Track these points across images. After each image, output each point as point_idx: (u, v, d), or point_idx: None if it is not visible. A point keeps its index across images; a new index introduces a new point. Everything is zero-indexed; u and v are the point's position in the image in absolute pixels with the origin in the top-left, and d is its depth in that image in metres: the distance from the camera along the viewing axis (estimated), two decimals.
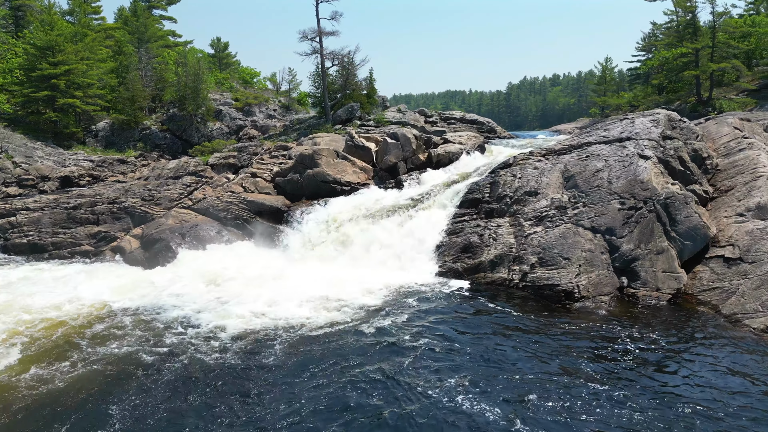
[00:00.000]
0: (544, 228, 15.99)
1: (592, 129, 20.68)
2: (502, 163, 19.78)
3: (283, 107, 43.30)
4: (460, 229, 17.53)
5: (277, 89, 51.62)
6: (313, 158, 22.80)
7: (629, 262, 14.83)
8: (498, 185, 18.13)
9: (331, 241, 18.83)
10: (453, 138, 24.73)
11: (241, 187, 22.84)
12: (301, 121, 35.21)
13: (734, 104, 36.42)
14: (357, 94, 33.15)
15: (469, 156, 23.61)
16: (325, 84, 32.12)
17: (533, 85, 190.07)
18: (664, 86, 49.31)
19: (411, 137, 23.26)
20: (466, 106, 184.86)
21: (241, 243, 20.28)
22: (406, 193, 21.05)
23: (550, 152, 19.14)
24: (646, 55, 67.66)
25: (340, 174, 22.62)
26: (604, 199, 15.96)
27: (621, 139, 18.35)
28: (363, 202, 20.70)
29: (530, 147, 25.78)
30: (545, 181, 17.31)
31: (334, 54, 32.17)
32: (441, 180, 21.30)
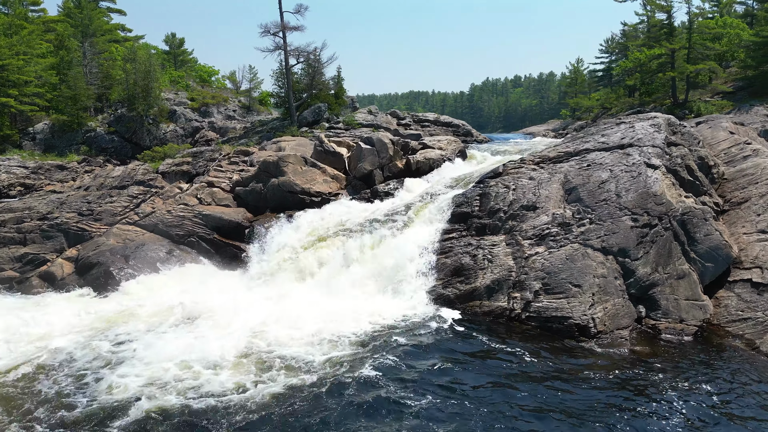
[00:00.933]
0: (547, 248, 14.00)
1: (586, 134, 18.89)
2: (490, 172, 17.74)
3: (244, 108, 40.43)
4: (449, 249, 15.39)
5: (237, 89, 48.59)
6: (278, 165, 20.31)
7: (647, 288, 12.97)
8: (489, 198, 16.07)
9: (299, 263, 16.39)
10: (432, 143, 22.64)
11: (195, 198, 20.14)
12: (264, 122, 32.55)
13: (711, 107, 35.60)
14: (324, 95, 30.74)
15: (450, 163, 21.55)
16: (289, 83, 29.60)
17: (495, 87, 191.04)
18: (635, 88, 48.61)
19: (387, 142, 21.03)
20: (430, 107, 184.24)
21: (196, 265, 17.64)
22: (385, 205, 18.79)
23: (545, 160, 17.21)
24: (610, 57, 67.53)
25: (308, 183, 20.20)
26: (614, 214, 14.07)
27: (622, 146, 16.57)
28: (336, 216, 18.34)
29: (515, 153, 23.97)
30: (544, 193, 15.33)
31: (299, 50, 29.74)
32: (423, 190, 19.14)
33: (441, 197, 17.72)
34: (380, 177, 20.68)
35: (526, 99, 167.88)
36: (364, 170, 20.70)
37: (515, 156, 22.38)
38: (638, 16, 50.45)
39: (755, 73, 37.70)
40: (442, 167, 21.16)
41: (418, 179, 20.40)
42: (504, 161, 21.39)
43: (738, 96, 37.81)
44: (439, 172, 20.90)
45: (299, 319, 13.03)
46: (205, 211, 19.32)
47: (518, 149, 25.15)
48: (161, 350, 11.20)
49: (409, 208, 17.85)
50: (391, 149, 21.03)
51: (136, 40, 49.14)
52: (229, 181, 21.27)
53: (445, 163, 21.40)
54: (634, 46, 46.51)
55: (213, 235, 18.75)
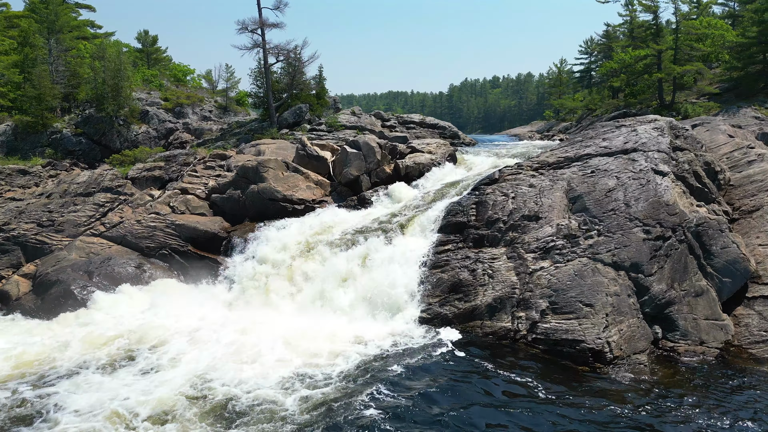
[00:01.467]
0: (553, 263, 12.91)
1: (585, 138, 17.90)
2: (486, 178, 16.61)
3: (220, 108, 38.78)
4: (445, 262, 14.22)
5: (213, 88, 46.84)
6: (258, 171, 18.92)
7: (663, 306, 11.96)
8: (486, 206, 14.95)
9: (282, 279, 15.06)
10: (420, 146, 21.48)
11: (168, 207, 18.65)
12: (242, 124, 31.03)
13: (699, 108, 35.15)
14: (305, 95, 29.38)
15: (440, 168, 20.39)
16: (268, 82, 28.16)
17: (474, 87, 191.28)
18: (620, 89, 48.15)
19: (375, 146, 19.79)
20: (409, 107, 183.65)
21: (168, 281, 16.19)
22: (374, 213, 17.55)
23: (544, 166, 16.16)
24: (589, 58, 67.29)
25: (291, 190, 18.86)
26: (624, 226, 13.04)
27: (626, 151, 15.61)
28: (321, 226, 17.04)
29: (506, 156, 22.94)
30: (546, 202, 14.26)
31: (278, 48, 28.32)
32: (414, 197, 17.94)
33: (434, 205, 16.54)
34: (367, 183, 19.43)
35: (504, 100, 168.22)
36: (351, 176, 19.42)
37: (507, 160, 21.37)
38: (621, 16, 50.03)
39: (741, 74, 37.41)
40: (432, 172, 19.99)
41: (408, 185, 19.20)
42: (497, 166, 20.37)
43: (724, 98, 37.45)
44: (430, 177, 19.72)
45: (272, 348, 11.67)
46: (178, 220, 17.85)
47: (509, 153, 24.13)
48: (74, 403, 9.54)
49: (399, 217, 16.63)
50: (379, 153, 19.79)
51: (106, 37, 47.11)
52: (204, 188, 19.81)
53: (435, 167, 20.24)
54: (618, 47, 46.03)
55: (187, 247, 17.30)
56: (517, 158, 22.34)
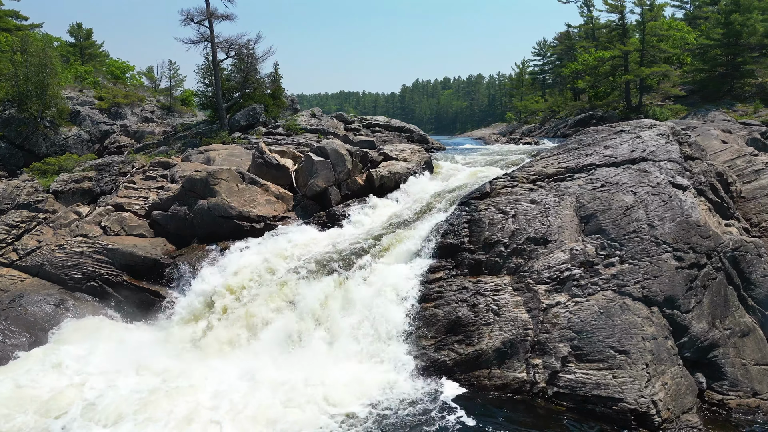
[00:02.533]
0: (571, 297, 10.85)
1: (580, 144, 16.03)
2: (475, 191, 14.46)
3: (164, 108, 35.31)
4: (438, 294, 11.95)
5: (156, 87, 43.13)
6: (208, 183, 16.12)
7: (705, 350, 10.10)
8: (481, 225, 12.78)
9: (239, 319, 12.39)
10: (393, 153, 19.14)
11: (99, 227, 15.60)
12: (188, 126, 27.86)
13: (667, 111, 34.42)
14: (260, 95, 26.56)
15: (418, 177, 18.13)
16: (217, 80, 25.19)
17: (426, 88, 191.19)
18: (581, 91, 47.37)
19: (344, 153, 17.31)
20: (361, 108, 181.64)
21: (98, 320, 13.24)
22: (347, 233, 15.09)
23: (542, 177, 14.15)
24: (543, 60, 66.88)
25: (248, 205, 16.15)
26: (650, 251, 11.12)
27: (634, 160, 13.79)
28: (286, 249, 14.45)
29: (484, 164, 20.92)
30: (555, 222, 12.19)
31: (228, 43, 25.41)
32: (393, 213, 15.58)
33: (418, 224, 14.23)
34: (337, 196, 16.93)
35: (456, 101, 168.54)
36: (317, 188, 16.87)
37: (487, 169, 19.39)
38: (582, 17, 49.36)
39: (705, 76, 36.97)
40: (409, 183, 17.69)
41: (383, 198, 16.83)
42: (480, 175, 18.32)
43: (690, 100, 36.92)
44: (407, 189, 17.41)
45: (252, 401, 9.16)
46: (111, 244, 14.85)
47: (487, 159, 22.12)
48: None
49: (379, 238, 14.24)
50: (350, 162, 17.33)
51: (31, 28, 42.51)
52: (144, 203, 16.82)
53: (411, 177, 17.97)
54: (581, 48, 45.18)
55: (122, 276, 14.35)
56: (495, 165, 20.41)
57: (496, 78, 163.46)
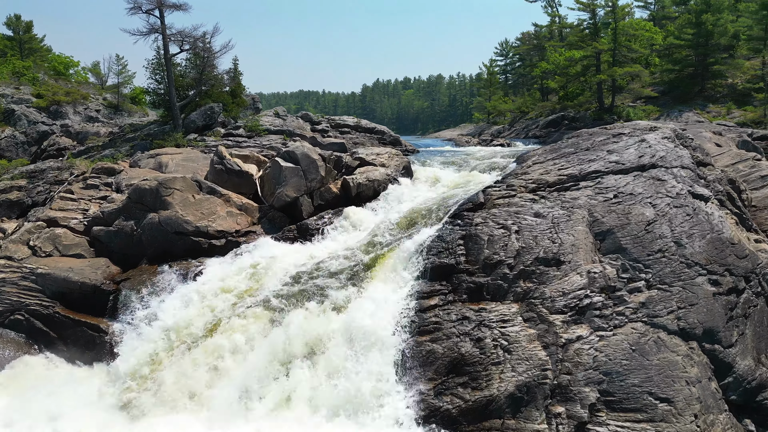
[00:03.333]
0: (594, 329, 9.28)
1: (577, 148, 14.60)
2: (467, 201, 12.81)
3: (111, 107, 32.45)
4: (435, 326, 10.22)
5: (103, 84, 40.03)
6: (159, 194, 13.94)
7: (753, 391, 8.71)
8: (479, 242, 11.13)
9: (201, 360, 10.32)
10: (369, 157, 17.31)
11: (27, 247, 13.21)
12: (137, 127, 25.29)
13: (641, 112, 33.79)
14: (218, 92, 24.29)
15: (398, 185, 16.38)
16: (170, 76, 22.82)
17: (386, 88, 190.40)
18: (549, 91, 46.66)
19: (316, 158, 15.38)
20: (321, 107, 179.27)
21: (21, 362, 10.92)
22: (323, 250, 13.19)
23: (543, 186, 12.61)
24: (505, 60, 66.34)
25: (206, 219, 14.04)
26: (681, 274, 9.67)
27: (644, 167, 12.42)
28: (251, 272, 12.44)
29: (466, 168, 19.33)
30: (567, 240, 10.63)
31: (182, 35, 23.04)
32: (375, 226, 13.75)
33: (405, 240, 12.45)
34: (309, 207, 14.99)
35: (417, 101, 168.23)
36: (286, 198, 14.89)
37: (473, 175, 17.79)
38: (549, 16, 48.68)
39: (675, 77, 36.60)
40: (389, 191, 15.92)
41: (362, 209, 15.00)
42: (465, 180, 16.73)
43: (661, 101, 36.46)
44: (387, 197, 15.63)
45: None
46: (41, 267, 12.51)
47: (466, 163, 20.51)
48: None
49: (360, 257, 12.40)
50: (323, 168, 15.41)
51: None
52: (83, 217, 14.47)
53: (391, 185, 16.19)
54: (551, 48, 44.39)
55: (54, 307, 12.03)
56: (478, 169, 18.86)
57: (456, 78, 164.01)
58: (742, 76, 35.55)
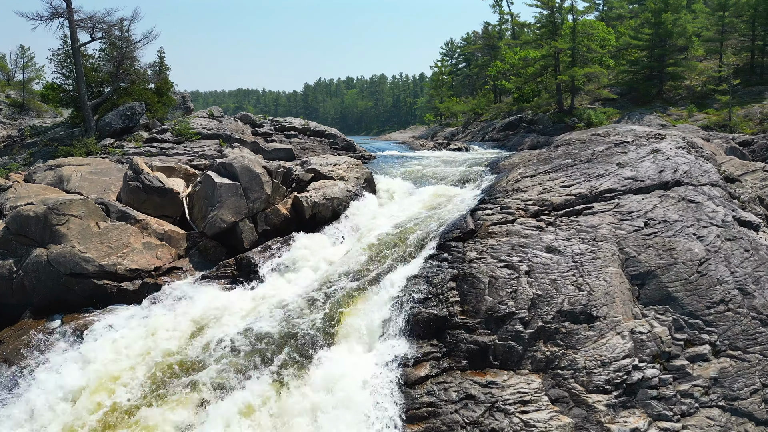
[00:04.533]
0: (653, 418, 6.81)
1: (576, 160, 12.32)
2: (452, 228, 10.20)
3: (15, 106, 27.84)
4: (430, 409, 7.50)
5: (9, 79, 34.97)
6: (49, 223, 10.50)
7: None
8: (478, 287, 8.53)
9: None
10: (324, 168, 14.37)
11: None
12: (40, 129, 21.19)
13: (602, 115, 32.35)
14: (140, 89, 20.62)
15: (360, 201, 13.56)
16: (80, 69, 19.01)
17: (329, 87, 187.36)
18: (502, 92, 44.98)
19: (260, 172, 12.30)
20: (262, 106, 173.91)
21: None
22: (270, 295, 10.17)
23: (547, 208, 10.15)
24: (451, 60, 64.76)
25: (114, 254, 10.72)
26: (757, 334, 7.36)
27: (666, 184, 10.20)
28: (175, 330, 9.28)
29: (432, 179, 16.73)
30: (598, 285, 8.14)
31: (94, 20, 19.24)
32: (339, 261, 10.84)
33: (381, 282, 9.65)
34: (251, 234, 11.90)
35: (361, 101, 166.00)
36: (222, 223, 11.74)
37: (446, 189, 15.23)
38: (499, 14, 47.00)
39: (632, 78, 35.53)
40: (350, 210, 13.08)
41: (318, 235, 12.06)
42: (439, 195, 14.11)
43: (619, 103, 35.30)
44: (349, 219, 12.79)
45: None
46: None
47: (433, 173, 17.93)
48: None
49: (318, 304, 9.49)
50: (268, 185, 12.34)
51: None
52: None
53: (353, 201, 13.35)
54: (506, 47, 42.65)
55: None
56: (447, 181, 16.37)
57: (400, 78, 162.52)
58: (698, 78, 34.90)
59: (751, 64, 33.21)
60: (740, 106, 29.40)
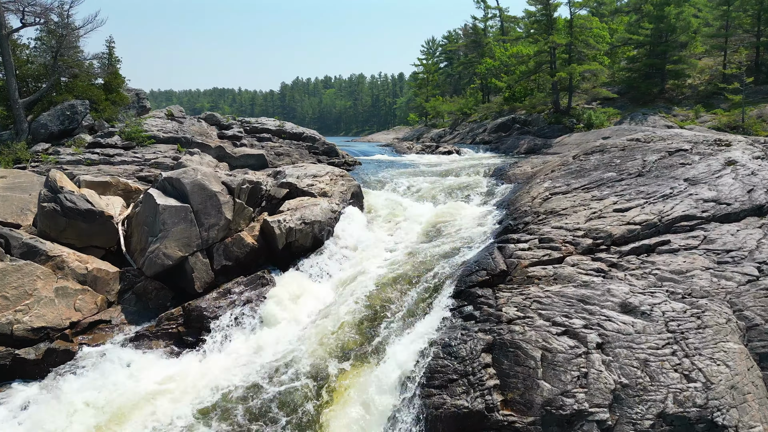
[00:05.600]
0: None
1: (623, 174, 9.73)
2: (476, 266, 7.51)
3: None
4: None
5: None
6: None
7: None
8: (525, 364, 5.87)
9: None
10: (303, 181, 11.53)
11: None
12: None
13: (602, 115, 30.04)
14: (83, 85, 17.49)
15: (348, 224, 10.75)
16: (8, 61, 15.84)
17: (307, 87, 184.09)
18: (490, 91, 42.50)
19: (218, 189, 9.38)
20: (238, 106, 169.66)
21: None
22: (230, 368, 7.29)
23: (605, 241, 7.50)
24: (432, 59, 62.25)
25: (11, 308, 7.74)
26: None
27: (761, 208, 7.68)
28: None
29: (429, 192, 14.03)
30: (716, 372, 5.47)
31: (24, 2, 16.05)
32: (322, 308, 8.01)
33: (388, 350, 6.87)
34: (206, 273, 8.98)
35: (339, 101, 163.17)
36: (166, 260, 8.80)
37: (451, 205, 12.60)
38: (491, 9, 44.52)
39: (633, 76, 33.36)
40: (335, 237, 10.26)
41: (296, 273, 9.22)
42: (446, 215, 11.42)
43: (619, 103, 33.05)
44: (334, 249, 9.96)
45: None
46: None
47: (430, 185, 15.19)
48: None
49: (297, 383, 6.67)
50: (229, 206, 9.43)
51: None
52: None
53: (338, 224, 10.54)
54: (495, 43, 40.19)
55: None
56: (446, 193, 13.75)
57: (379, 78, 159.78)
58: (700, 77, 32.85)
59: (757, 62, 31.19)
60: (751, 105, 27.32)
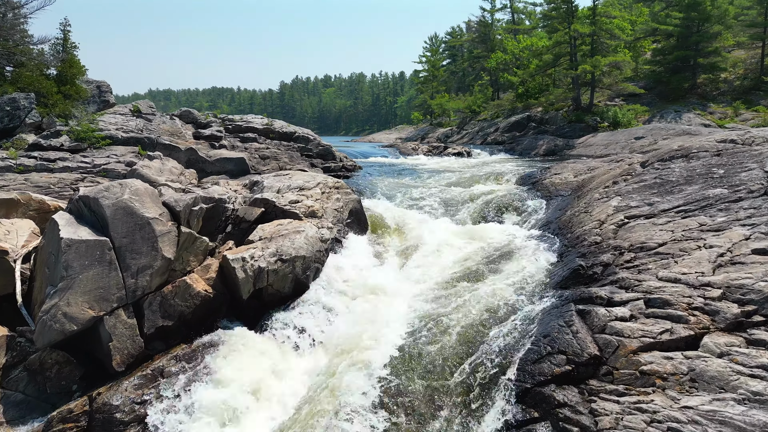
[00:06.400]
0: None
1: (739, 190, 6.79)
2: (547, 347, 4.59)
3: None
4: None
5: None
6: None
7: None
8: None
9: None
10: (284, 196, 8.65)
11: None
12: None
13: (630, 113, 27.10)
14: (32, 76, 14.57)
15: (343, 258, 7.82)
16: None
17: (306, 86, 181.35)
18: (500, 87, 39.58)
19: (155, 216, 6.45)
20: (236, 105, 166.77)
21: None
22: None
23: (757, 308, 4.53)
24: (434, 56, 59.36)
25: None
26: None
27: None
28: None
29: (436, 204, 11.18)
30: None
31: None
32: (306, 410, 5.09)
33: None
34: (131, 343, 6.04)
35: (339, 100, 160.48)
36: (68, 323, 5.87)
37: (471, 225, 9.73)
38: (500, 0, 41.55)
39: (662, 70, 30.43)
40: (324, 274, 7.34)
41: (261, 334, 6.29)
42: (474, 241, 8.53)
43: (645, 99, 30.10)
44: (323, 298, 7.03)
45: None
46: None
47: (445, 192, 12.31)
48: None
49: None
50: (170, 238, 6.50)
51: None
52: None
53: (331, 256, 7.62)
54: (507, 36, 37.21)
55: None
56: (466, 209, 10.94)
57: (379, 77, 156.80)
58: (733, 71, 29.90)
59: None
60: None
